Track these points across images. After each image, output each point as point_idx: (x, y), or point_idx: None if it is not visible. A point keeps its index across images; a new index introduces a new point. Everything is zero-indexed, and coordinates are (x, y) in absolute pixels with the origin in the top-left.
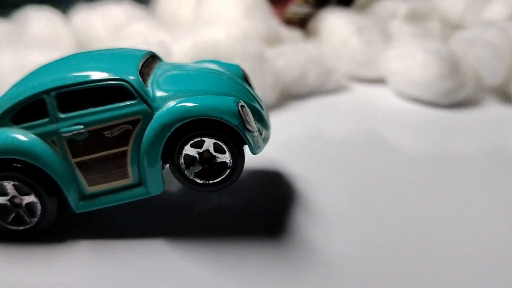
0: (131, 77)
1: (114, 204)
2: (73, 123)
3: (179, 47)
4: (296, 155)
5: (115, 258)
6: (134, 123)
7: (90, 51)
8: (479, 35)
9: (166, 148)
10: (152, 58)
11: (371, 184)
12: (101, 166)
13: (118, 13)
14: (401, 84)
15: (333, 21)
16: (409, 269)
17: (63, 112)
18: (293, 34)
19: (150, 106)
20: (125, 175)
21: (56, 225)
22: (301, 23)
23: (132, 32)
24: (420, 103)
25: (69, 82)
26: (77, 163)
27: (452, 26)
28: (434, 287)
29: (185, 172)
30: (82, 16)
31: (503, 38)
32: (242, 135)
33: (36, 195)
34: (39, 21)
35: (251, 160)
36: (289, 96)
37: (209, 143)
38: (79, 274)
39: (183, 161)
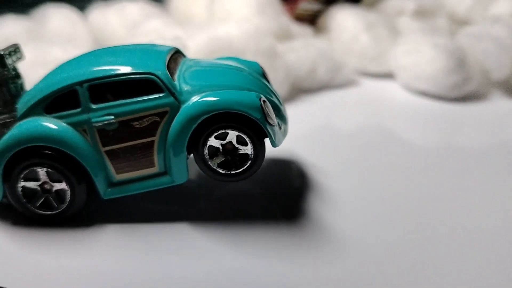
0: (160, 71)
1: (140, 191)
2: (104, 114)
3: (194, 43)
4: (308, 147)
5: (140, 241)
6: (161, 115)
7: (118, 46)
8: (486, 30)
9: (191, 139)
10: (177, 54)
11: (380, 175)
12: (129, 155)
13: (133, 11)
14: (409, 78)
15: (343, 18)
16: (415, 251)
17: (95, 103)
18: (303, 30)
19: (177, 99)
20: (152, 164)
21: (84, 211)
22: (311, 20)
23: (148, 29)
24: (427, 97)
25: (101, 74)
26: (107, 152)
27: (459, 22)
28: (438, 266)
29: (209, 162)
30: (98, 14)
31: (509, 33)
32: (264, 128)
33: (67, 183)
34: (57, 18)
35: (267, 151)
36: (300, 90)
37: (232, 135)
38: (106, 257)
39: (207, 151)
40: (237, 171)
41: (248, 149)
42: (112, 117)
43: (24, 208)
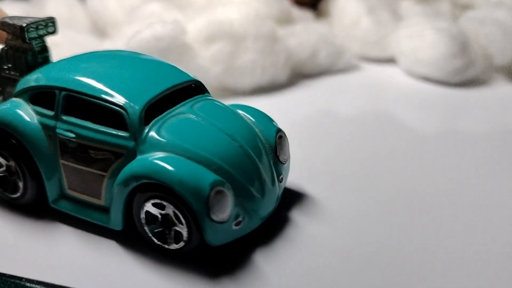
0: (133, 109)
1: (81, 217)
2: (68, 129)
3: (193, 26)
4: (308, 131)
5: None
6: (117, 155)
7: (130, 53)
8: (489, 14)
9: (132, 193)
10: (191, 88)
11: (381, 159)
12: (82, 177)
13: None
14: (411, 63)
15: (344, 2)
16: (416, 236)
17: (65, 113)
18: (304, 14)
19: (137, 146)
20: (99, 196)
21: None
22: (312, 4)
23: (146, 13)
24: (430, 82)
25: (78, 88)
26: (63, 164)
27: (462, 6)
28: (438, 249)
29: (145, 227)
30: None
31: None
32: (200, 223)
33: (22, 175)
34: (55, 2)
35: None
36: (300, 75)
37: (168, 209)
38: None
39: (144, 216)
40: (169, 248)
41: (182, 229)
42: (74, 135)
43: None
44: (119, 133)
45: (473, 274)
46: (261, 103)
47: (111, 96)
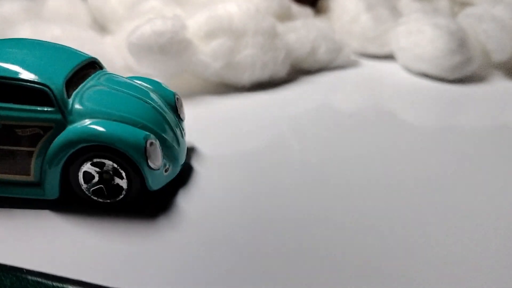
0: (55, 85)
1: (10, 195)
2: None
3: (194, 21)
4: (306, 128)
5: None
6: (45, 129)
7: (31, 41)
8: (487, 11)
9: (69, 159)
10: (90, 66)
11: (379, 155)
12: (7, 158)
13: None
14: (409, 59)
15: None
16: (414, 230)
17: None
18: (304, 10)
19: (65, 117)
20: (27, 173)
21: None
22: (312, 0)
23: (147, 8)
24: (428, 78)
25: None
26: None
27: (460, 3)
28: (437, 244)
29: (82, 187)
30: None
31: (511, 14)
32: (141, 171)
33: None
34: None
35: (263, 132)
36: (299, 70)
37: (108, 166)
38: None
39: (82, 176)
40: (109, 201)
41: (123, 183)
42: None
43: None
44: (45, 109)
45: (472, 272)
46: (261, 99)
47: (31, 76)
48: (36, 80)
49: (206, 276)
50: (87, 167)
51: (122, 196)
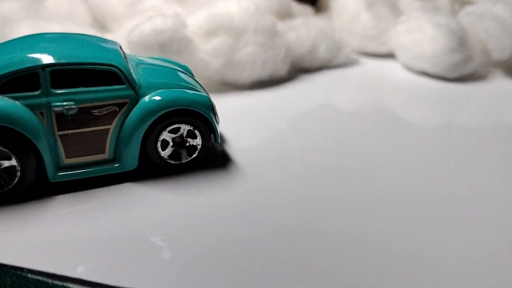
0: (121, 65)
1: (88, 176)
2: (65, 99)
3: (194, 20)
4: (306, 127)
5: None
6: (120, 105)
7: (70, 34)
8: (488, 9)
9: (146, 130)
10: (121, 49)
11: (379, 153)
12: (83, 140)
13: None
14: (410, 57)
15: None
16: (412, 229)
17: (55, 87)
18: (304, 9)
19: (136, 92)
20: (102, 151)
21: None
22: None
23: (147, 6)
24: (428, 76)
25: (65, 61)
26: (61, 136)
27: (461, 1)
28: (435, 242)
29: (161, 154)
30: None
31: (511, 13)
32: (214, 127)
33: (17, 160)
34: None
35: (263, 131)
36: (300, 69)
37: (183, 130)
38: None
39: (160, 144)
40: (185, 161)
41: (197, 141)
42: (73, 103)
43: None
44: (117, 87)
45: (471, 271)
46: (261, 97)
47: (98, 59)
48: (105, 63)
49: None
50: (165, 135)
51: (195, 155)
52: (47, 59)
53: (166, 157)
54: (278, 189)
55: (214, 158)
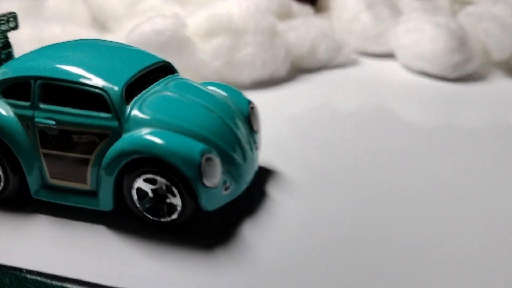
0: (113, 90)
1: (68, 203)
2: (47, 116)
3: (193, 20)
4: (306, 126)
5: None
6: (101, 137)
7: (100, 42)
8: (487, 9)
9: (123, 171)
10: (162, 69)
11: (379, 153)
12: (65, 164)
13: None
14: (409, 58)
15: None
16: (413, 229)
17: (43, 102)
18: (304, 9)
19: (121, 125)
20: (84, 181)
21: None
22: None
23: (147, 6)
24: (428, 77)
25: (55, 75)
26: (44, 154)
27: (460, 2)
28: (435, 245)
29: (136, 203)
30: None
31: (511, 13)
32: (194, 189)
33: (2, 170)
34: None
35: (263, 131)
36: (299, 69)
37: (160, 183)
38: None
39: (135, 192)
40: (163, 221)
41: (176, 200)
42: (54, 122)
43: None
44: (101, 115)
45: (471, 270)
46: (261, 97)
47: (90, 79)
48: (93, 84)
49: None
50: (139, 182)
51: (176, 216)
52: (41, 70)
53: (143, 210)
54: (277, 188)
55: None
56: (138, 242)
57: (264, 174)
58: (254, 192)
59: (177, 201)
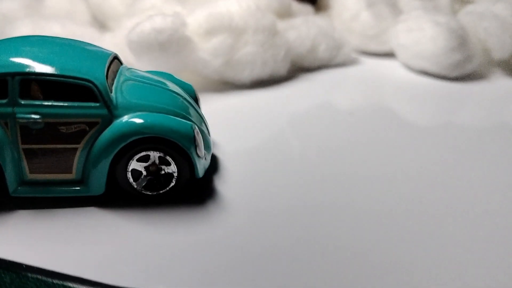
0: (98, 81)
1: (51, 195)
2: (31, 111)
3: (194, 19)
4: (306, 126)
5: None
6: (91, 125)
7: (56, 39)
8: (488, 8)
9: (117, 154)
10: (115, 61)
11: (379, 152)
12: (48, 157)
13: None
14: (410, 57)
15: None
16: (410, 229)
17: (23, 98)
18: (304, 8)
19: (111, 112)
20: (69, 171)
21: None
22: None
23: (147, 5)
24: (428, 76)
25: (36, 70)
26: (25, 150)
27: (461, 1)
28: (435, 244)
29: (134, 185)
30: None
31: None
32: (192, 160)
33: None
34: None
35: (263, 130)
36: (300, 68)
37: (154, 157)
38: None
39: (130, 175)
40: (163, 191)
41: (171, 168)
42: (39, 116)
43: None
44: (90, 104)
45: (470, 270)
46: (261, 96)
47: (73, 72)
48: (79, 76)
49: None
50: (134, 164)
51: (173, 183)
52: (19, 66)
53: (140, 188)
54: (277, 187)
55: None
56: (138, 242)
57: (264, 173)
58: (250, 191)
59: (172, 168)
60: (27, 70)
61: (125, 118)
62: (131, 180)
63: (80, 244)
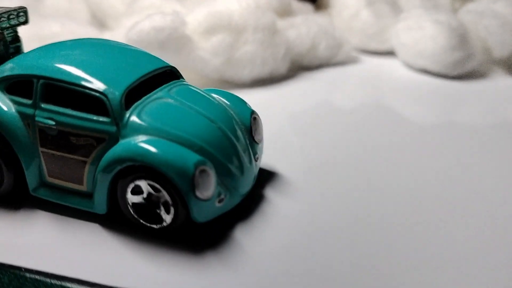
0: (113, 95)
1: (64, 204)
2: (48, 116)
3: (193, 18)
4: (306, 124)
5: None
6: (98, 140)
7: (107, 42)
8: (488, 7)
9: (118, 176)
10: (167, 74)
11: (379, 151)
12: (62, 164)
13: None
14: (410, 55)
15: None
16: (414, 227)
17: (44, 101)
18: (304, 6)
19: (119, 130)
20: (80, 182)
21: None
22: None
23: (146, 4)
24: (429, 74)
25: (57, 76)
26: (43, 152)
27: None
28: (436, 244)
29: (129, 207)
30: None
31: None
32: (186, 200)
33: None
34: None
35: (263, 129)
36: (300, 67)
37: (145, 188)
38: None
39: (133, 210)
40: (154, 226)
41: (164, 196)
42: (54, 123)
43: None
44: (100, 119)
45: (470, 269)
46: (261, 95)
47: (91, 82)
48: (94, 87)
49: None
50: (129, 197)
51: (166, 224)
52: (44, 70)
53: (134, 214)
54: (277, 187)
55: None
56: (135, 242)
57: (263, 173)
58: (251, 190)
59: (164, 195)
60: (49, 74)
61: (128, 140)
62: (129, 202)
63: (80, 246)
